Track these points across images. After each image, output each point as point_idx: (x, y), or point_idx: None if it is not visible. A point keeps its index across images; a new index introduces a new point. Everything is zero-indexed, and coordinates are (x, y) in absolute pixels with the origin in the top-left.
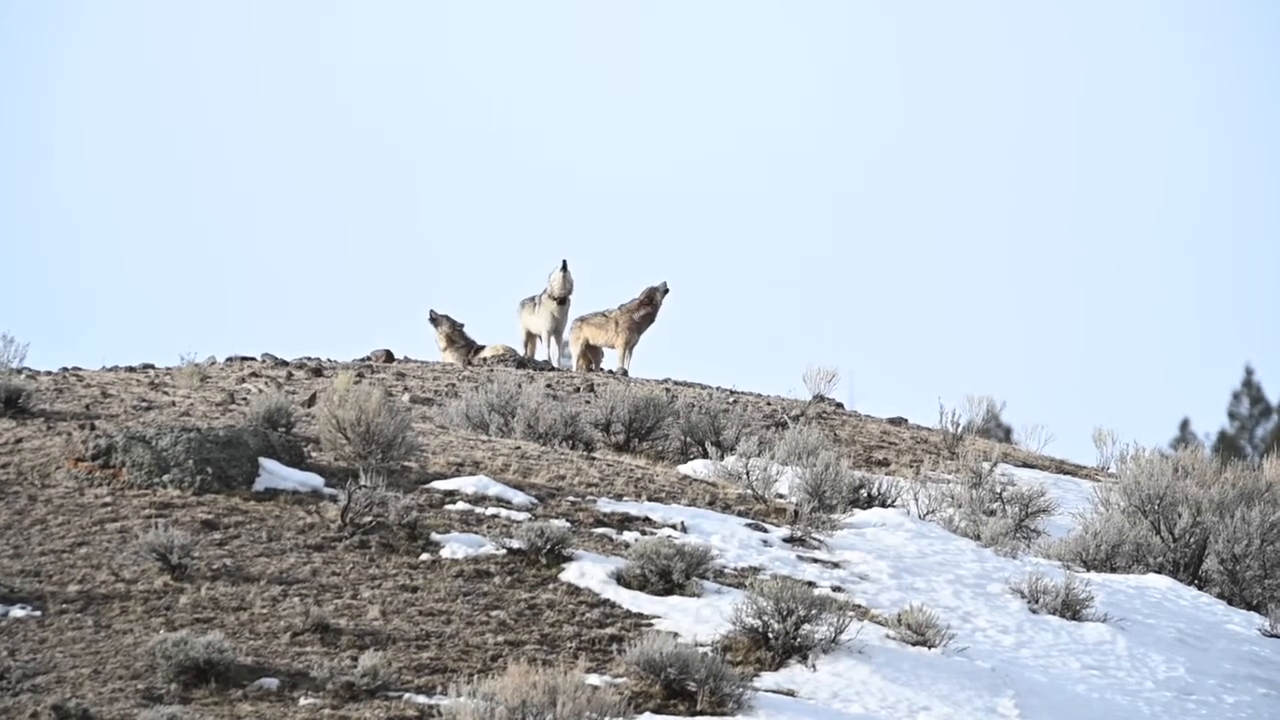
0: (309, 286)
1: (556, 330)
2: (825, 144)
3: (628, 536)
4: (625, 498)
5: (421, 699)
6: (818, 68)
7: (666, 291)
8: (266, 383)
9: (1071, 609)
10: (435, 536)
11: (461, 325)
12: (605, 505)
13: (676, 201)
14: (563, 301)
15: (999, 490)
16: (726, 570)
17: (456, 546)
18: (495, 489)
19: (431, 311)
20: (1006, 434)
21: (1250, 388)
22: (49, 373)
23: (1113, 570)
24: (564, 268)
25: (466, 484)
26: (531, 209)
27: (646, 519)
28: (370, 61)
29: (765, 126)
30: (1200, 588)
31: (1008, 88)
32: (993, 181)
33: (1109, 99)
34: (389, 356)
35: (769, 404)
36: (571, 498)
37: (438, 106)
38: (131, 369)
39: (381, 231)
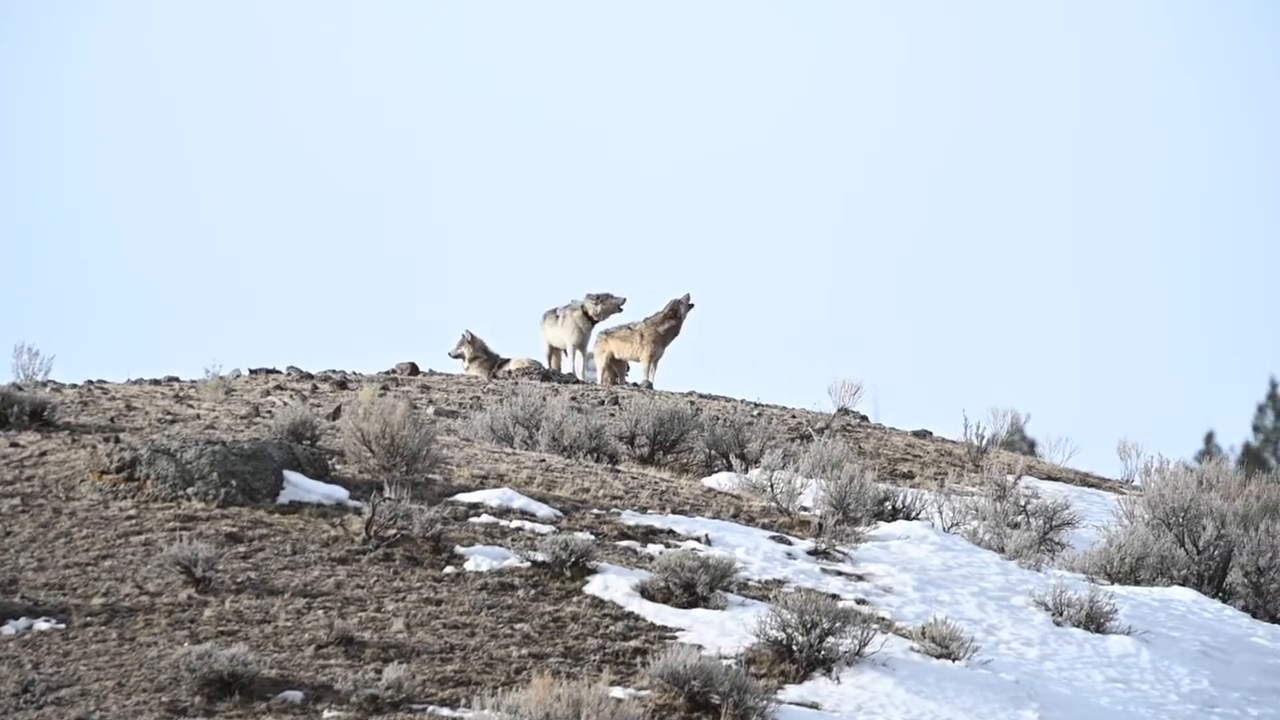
0: (334, 299)
1: (581, 344)
2: (861, 153)
3: (652, 549)
4: (650, 510)
5: (445, 712)
6: (820, 71)
7: (691, 305)
8: (291, 395)
9: (1095, 621)
10: (459, 549)
11: (476, 339)
12: (630, 518)
13: (695, 208)
14: (593, 320)
15: (1023, 503)
16: (751, 583)
17: (481, 559)
18: (520, 502)
19: (450, 354)
20: (1031, 447)
21: (1275, 400)
22: (74, 385)
23: (1137, 583)
24: (618, 309)
25: (491, 497)
26: (545, 216)
27: (671, 532)
28: (368, 62)
29: (793, 131)
30: (1224, 600)
31: (1007, 90)
32: (1021, 194)
33: (1119, 103)
34: (414, 369)
35: (793, 417)
36: (596, 510)
37: (453, 113)
38: (156, 382)
39: (400, 241)
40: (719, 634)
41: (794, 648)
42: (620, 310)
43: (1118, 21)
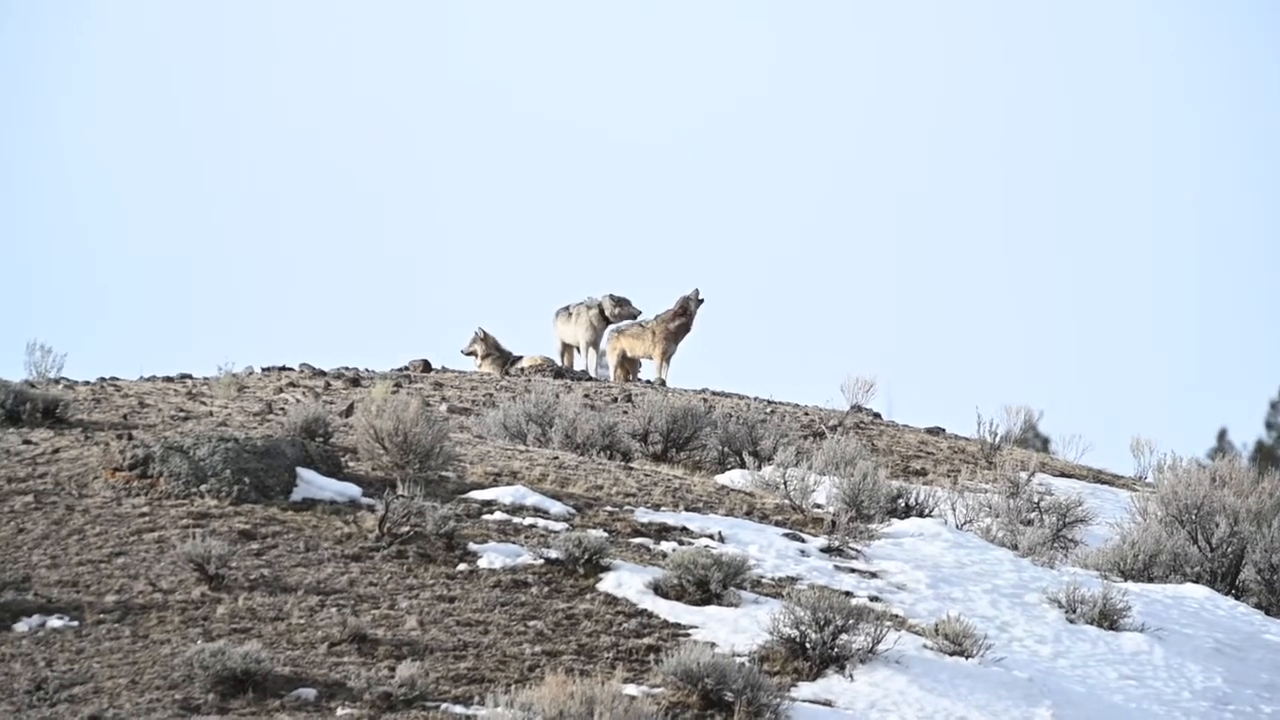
0: (346, 296)
1: (594, 341)
2: (871, 153)
3: (665, 546)
4: (663, 508)
5: (459, 709)
6: (837, 64)
7: (701, 301)
8: (304, 393)
9: (1109, 619)
10: (473, 546)
11: (488, 336)
12: (643, 515)
13: (705, 203)
14: (608, 320)
15: (1036, 500)
16: (764, 580)
17: (494, 556)
18: (533, 499)
19: (462, 351)
20: (1044, 444)
21: None
22: (87, 383)
23: (1150, 580)
24: (633, 317)
25: (504, 494)
26: (560, 212)
27: (684, 529)
28: (372, 61)
29: (808, 129)
30: (1237, 597)
31: (1035, 83)
32: (1033, 189)
33: (1139, 97)
34: (426, 366)
35: (806, 414)
36: (609, 508)
37: (455, 106)
38: (169, 379)
39: (416, 240)
40: (732, 631)
41: (807, 645)
42: (634, 319)
43: (1114, 13)
